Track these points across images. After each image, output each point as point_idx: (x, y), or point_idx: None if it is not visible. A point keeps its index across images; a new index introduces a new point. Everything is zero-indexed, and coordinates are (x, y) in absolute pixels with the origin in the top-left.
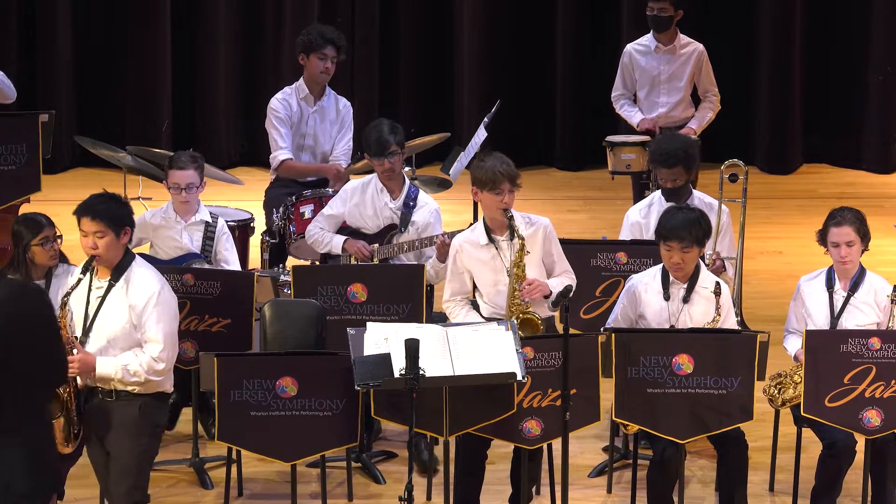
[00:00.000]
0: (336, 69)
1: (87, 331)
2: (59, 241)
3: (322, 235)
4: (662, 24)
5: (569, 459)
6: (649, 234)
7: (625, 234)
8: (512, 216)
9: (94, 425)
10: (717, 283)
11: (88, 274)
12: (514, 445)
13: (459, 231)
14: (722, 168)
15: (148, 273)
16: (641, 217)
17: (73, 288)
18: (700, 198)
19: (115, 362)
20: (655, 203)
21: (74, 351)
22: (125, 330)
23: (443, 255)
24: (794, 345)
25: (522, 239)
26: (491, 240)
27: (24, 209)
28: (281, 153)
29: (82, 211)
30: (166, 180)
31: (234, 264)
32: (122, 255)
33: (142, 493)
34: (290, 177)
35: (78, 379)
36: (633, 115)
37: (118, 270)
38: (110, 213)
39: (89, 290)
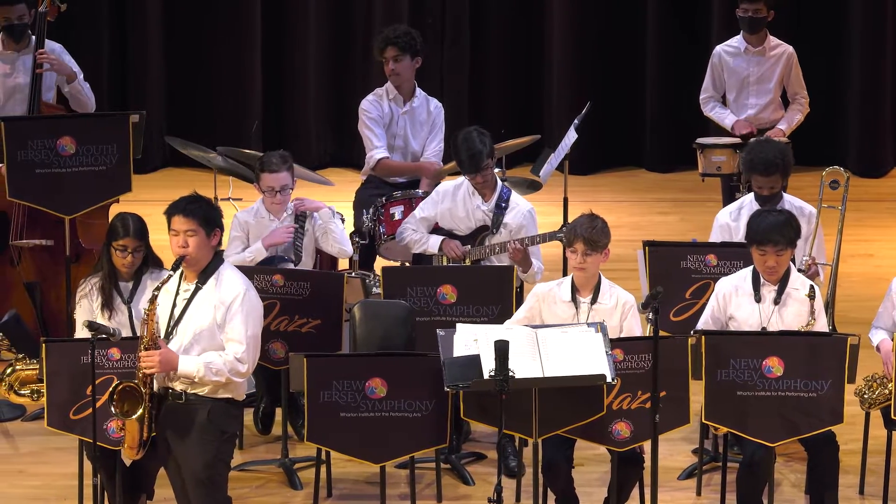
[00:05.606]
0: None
1: (169, 332)
2: (138, 253)
3: (417, 236)
4: (756, 25)
5: (658, 461)
6: (739, 237)
7: (714, 236)
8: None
9: (163, 429)
10: (811, 287)
11: (177, 275)
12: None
13: (544, 234)
14: (823, 174)
15: (235, 275)
16: (732, 220)
17: (163, 283)
18: (790, 201)
19: (197, 360)
20: (746, 206)
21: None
22: (211, 329)
23: (523, 264)
24: (879, 336)
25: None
26: (574, 299)
27: (115, 210)
28: (377, 152)
29: (174, 209)
30: (258, 183)
31: (346, 244)
32: (211, 257)
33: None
34: (386, 176)
35: (155, 381)
36: (724, 118)
37: (206, 273)
38: (202, 213)
39: (176, 293)
